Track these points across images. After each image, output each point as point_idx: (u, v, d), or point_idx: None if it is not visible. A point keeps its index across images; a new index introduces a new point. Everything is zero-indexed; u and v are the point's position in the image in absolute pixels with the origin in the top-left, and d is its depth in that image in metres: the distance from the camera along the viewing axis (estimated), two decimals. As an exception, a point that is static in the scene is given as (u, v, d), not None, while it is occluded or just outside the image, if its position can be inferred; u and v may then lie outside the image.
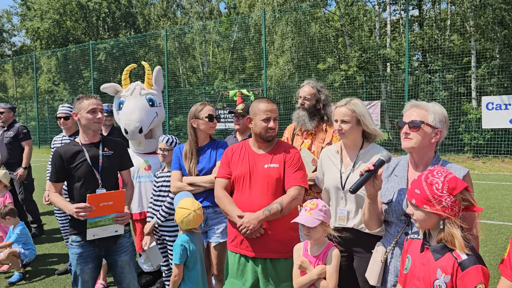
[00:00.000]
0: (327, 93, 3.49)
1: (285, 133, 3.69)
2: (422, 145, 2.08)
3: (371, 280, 2.25)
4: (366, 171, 2.06)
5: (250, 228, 2.48)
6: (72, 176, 2.93)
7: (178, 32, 27.47)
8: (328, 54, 19.89)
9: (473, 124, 14.84)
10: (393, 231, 2.19)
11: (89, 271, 2.94)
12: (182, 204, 2.84)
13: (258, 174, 2.61)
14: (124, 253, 3.03)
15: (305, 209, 2.39)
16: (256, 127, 2.67)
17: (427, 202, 1.70)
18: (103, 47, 27.52)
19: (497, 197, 8.57)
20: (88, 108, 2.93)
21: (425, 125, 2.06)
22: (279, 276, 2.58)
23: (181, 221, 2.81)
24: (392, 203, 2.16)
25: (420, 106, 2.13)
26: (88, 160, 2.93)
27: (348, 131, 2.67)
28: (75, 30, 35.04)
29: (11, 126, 6.19)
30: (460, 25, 18.23)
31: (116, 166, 3.09)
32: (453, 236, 1.68)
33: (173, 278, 2.77)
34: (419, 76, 16.35)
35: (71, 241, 2.95)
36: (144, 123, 4.04)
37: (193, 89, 24.93)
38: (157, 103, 4.22)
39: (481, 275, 1.61)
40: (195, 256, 2.82)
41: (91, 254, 2.94)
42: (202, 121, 3.36)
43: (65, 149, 2.95)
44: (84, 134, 3.00)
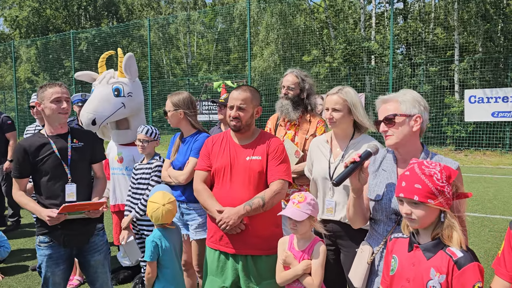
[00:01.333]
0: (312, 82, 3.38)
1: (268, 123, 3.58)
2: (405, 138, 1.95)
3: (355, 281, 2.12)
4: (352, 163, 1.91)
5: (230, 223, 2.36)
6: (39, 170, 2.69)
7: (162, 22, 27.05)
8: (313, 46, 19.80)
9: (455, 117, 14.97)
10: (382, 230, 2.04)
11: (60, 272, 2.74)
12: (153, 198, 2.73)
13: (239, 167, 2.49)
14: (97, 252, 2.85)
15: (293, 202, 2.27)
16: (226, 115, 2.56)
17: (431, 196, 1.57)
18: (85, 36, 26.96)
19: (479, 189, 8.63)
20: (51, 97, 2.67)
21: (399, 116, 1.94)
22: (260, 274, 2.47)
23: (151, 216, 2.70)
24: (382, 200, 2.01)
25: (389, 100, 2.01)
26: (56, 153, 2.70)
27: (339, 120, 2.56)
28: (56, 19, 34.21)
29: None
30: (444, 19, 18.32)
31: (87, 159, 2.85)
32: (452, 229, 1.57)
33: (146, 276, 2.66)
34: (402, 69, 16.39)
35: (39, 242, 2.72)
36: (99, 114, 3.77)
37: (177, 81, 24.62)
38: (125, 93, 3.91)
39: (478, 273, 1.52)
40: (169, 253, 2.69)
41: (62, 255, 2.73)
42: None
43: (29, 142, 2.70)
44: (50, 125, 2.76)
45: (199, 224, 3.14)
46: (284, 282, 2.32)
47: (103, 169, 3.02)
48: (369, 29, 19.82)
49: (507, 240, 1.58)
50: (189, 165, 3.11)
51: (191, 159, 3.12)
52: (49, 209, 2.60)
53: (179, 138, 3.35)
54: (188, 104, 3.26)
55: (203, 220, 3.14)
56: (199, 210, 3.15)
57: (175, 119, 3.26)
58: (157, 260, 2.67)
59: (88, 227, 2.79)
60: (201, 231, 3.15)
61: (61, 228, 2.66)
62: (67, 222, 2.64)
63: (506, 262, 1.58)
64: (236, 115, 2.48)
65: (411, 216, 1.61)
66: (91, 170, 2.93)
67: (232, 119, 2.49)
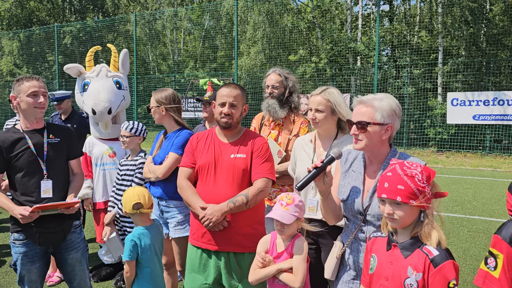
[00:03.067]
0: (295, 79, 3.40)
1: (253, 122, 3.60)
2: (373, 144, 2.00)
3: (326, 273, 2.22)
4: (314, 168, 1.95)
5: (213, 220, 2.37)
6: (13, 166, 2.62)
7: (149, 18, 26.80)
8: (299, 46, 19.88)
9: (438, 119, 15.21)
10: (351, 227, 2.14)
11: (36, 270, 2.69)
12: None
13: (223, 164, 2.50)
14: (74, 250, 2.80)
15: (281, 204, 2.25)
16: (215, 112, 2.57)
17: (412, 196, 1.60)
18: (69, 30, 26.54)
19: (459, 190, 8.80)
20: (28, 91, 2.60)
21: (373, 125, 1.96)
22: (243, 271, 2.48)
23: (125, 202, 2.67)
24: (347, 201, 2.09)
25: (367, 103, 2.02)
26: (32, 148, 2.64)
27: (322, 121, 2.60)
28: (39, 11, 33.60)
29: None
30: (429, 22, 18.58)
31: (63, 155, 2.79)
32: (432, 228, 1.61)
33: (125, 275, 2.62)
34: (387, 71, 16.58)
35: (14, 239, 2.66)
36: (113, 103, 3.92)
37: (163, 77, 24.45)
38: (124, 86, 4.10)
39: (453, 270, 1.55)
40: (149, 252, 2.67)
41: (37, 253, 2.68)
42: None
43: (3, 137, 2.63)
44: (26, 120, 2.68)
45: (179, 221, 3.11)
46: (256, 281, 2.29)
47: (80, 165, 2.97)
48: (356, 30, 19.99)
49: (510, 259, 1.57)
50: (168, 159, 3.09)
51: (170, 154, 3.10)
52: (22, 207, 2.54)
53: (163, 135, 3.35)
54: (171, 100, 3.25)
55: (183, 218, 3.13)
56: (179, 207, 3.13)
57: (158, 115, 3.25)
58: (136, 259, 2.64)
59: (64, 225, 2.74)
60: (180, 229, 3.11)
61: (36, 226, 2.60)
62: (41, 220, 2.59)
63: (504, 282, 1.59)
64: (229, 112, 2.49)
65: (393, 216, 1.64)
66: (67, 166, 2.86)
67: (224, 115, 2.50)
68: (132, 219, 2.74)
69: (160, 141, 3.32)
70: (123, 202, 2.68)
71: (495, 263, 1.59)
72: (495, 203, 7.57)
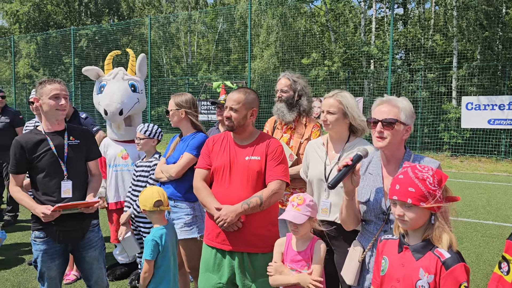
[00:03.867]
0: (304, 83, 3.42)
1: (265, 126, 3.64)
2: (395, 143, 2.04)
3: (347, 279, 2.19)
4: (344, 166, 1.97)
5: (227, 221, 2.42)
6: (35, 167, 2.71)
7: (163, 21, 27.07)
8: (312, 49, 19.88)
9: (452, 123, 15.07)
10: (372, 228, 2.13)
11: (55, 267, 2.77)
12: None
13: (238, 166, 2.55)
14: (92, 248, 2.87)
15: (292, 204, 2.30)
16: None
17: (422, 199, 1.63)
18: (85, 33, 26.94)
19: (473, 195, 8.72)
20: (50, 93, 2.70)
21: (399, 123, 2.02)
22: (256, 271, 2.53)
23: (145, 200, 2.71)
24: (370, 202, 2.10)
25: (392, 103, 2.07)
26: (53, 150, 2.72)
27: (333, 123, 2.64)
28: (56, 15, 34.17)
29: (4, 110, 6.11)
30: (443, 26, 18.44)
31: (83, 156, 2.88)
32: (442, 231, 1.63)
33: (143, 275, 2.66)
34: (401, 74, 16.49)
35: (34, 237, 2.74)
36: (125, 105, 3.99)
37: (177, 80, 24.64)
38: (139, 90, 4.18)
39: (464, 273, 1.58)
40: (168, 251, 2.73)
41: (57, 250, 2.76)
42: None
43: (26, 138, 2.72)
44: (47, 122, 2.77)
45: (186, 223, 3.15)
46: (276, 285, 2.35)
47: (98, 166, 3.05)
48: (369, 33, 19.93)
49: None
50: (183, 159, 3.15)
51: (185, 154, 3.16)
52: (43, 206, 2.62)
53: (179, 137, 3.41)
54: (191, 104, 3.33)
55: (190, 220, 3.16)
56: (186, 209, 3.17)
57: (177, 118, 3.32)
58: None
59: (83, 224, 2.82)
60: (187, 231, 3.14)
61: (56, 224, 2.68)
62: (62, 219, 2.66)
63: None
64: (228, 115, 2.56)
65: (403, 218, 1.66)
66: (86, 167, 2.94)
67: (226, 119, 2.57)
68: (150, 217, 2.79)
69: (175, 143, 3.39)
70: (143, 200, 2.73)
71: (508, 267, 1.61)
72: (509, 208, 7.49)
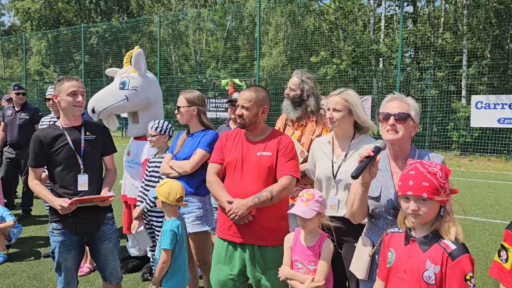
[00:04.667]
0: (313, 84, 3.47)
1: (277, 123, 3.71)
2: (405, 138, 2.13)
3: (358, 274, 2.26)
4: (366, 157, 2.01)
5: (238, 214, 2.49)
6: (53, 160, 2.81)
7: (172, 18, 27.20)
8: (321, 47, 19.88)
9: (461, 122, 15.02)
10: (382, 223, 2.18)
11: (72, 258, 2.87)
12: (159, 186, 2.86)
13: (250, 161, 2.62)
14: (107, 240, 2.96)
15: (301, 200, 2.38)
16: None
17: (436, 192, 1.69)
18: (95, 30, 27.17)
19: (481, 194, 8.71)
20: (68, 90, 2.79)
21: (410, 119, 2.11)
22: (266, 263, 2.59)
23: (169, 194, 2.77)
24: (381, 198, 2.16)
25: (403, 100, 2.17)
26: (70, 144, 2.82)
27: (339, 120, 2.70)
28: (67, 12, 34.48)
29: (24, 107, 6.24)
30: (453, 24, 18.34)
31: (98, 151, 2.98)
32: (451, 222, 1.70)
33: (161, 264, 2.73)
34: (410, 73, 16.45)
35: (52, 228, 2.85)
36: (98, 104, 4.02)
37: (185, 77, 24.76)
38: (130, 87, 4.07)
39: (469, 264, 1.64)
40: (183, 241, 2.82)
41: (73, 242, 2.86)
42: None
43: (45, 133, 2.82)
44: (65, 117, 2.88)
45: (197, 216, 3.23)
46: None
47: (113, 161, 3.15)
48: (378, 31, 19.88)
49: None
50: (197, 155, 3.23)
51: (198, 150, 3.24)
52: (61, 199, 2.72)
53: (185, 134, 3.49)
54: (202, 102, 3.41)
55: (202, 214, 3.25)
56: (197, 203, 3.25)
57: (188, 115, 3.39)
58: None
59: (98, 217, 2.91)
60: (198, 224, 3.23)
61: (73, 216, 2.78)
62: (78, 211, 2.76)
63: None
64: (240, 113, 2.64)
65: (418, 212, 1.72)
66: (101, 162, 3.05)
67: (238, 116, 2.66)
68: (166, 210, 2.87)
69: (182, 139, 3.45)
70: (165, 193, 2.78)
71: (506, 255, 1.67)
72: (518, 208, 7.49)
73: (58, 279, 2.92)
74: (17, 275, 4.23)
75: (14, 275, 4.24)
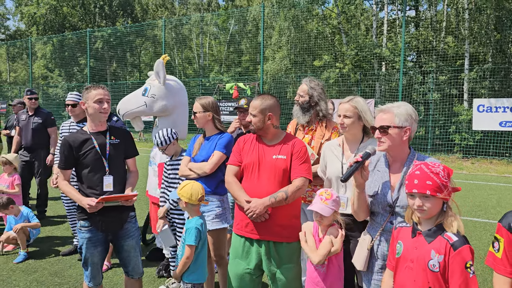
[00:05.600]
0: (321, 91, 3.68)
1: (288, 127, 3.91)
2: (395, 145, 2.33)
3: (357, 265, 2.49)
4: (355, 162, 2.28)
5: (256, 212, 2.69)
6: (81, 163, 3.02)
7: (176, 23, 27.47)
8: (324, 51, 20.10)
9: (463, 125, 15.20)
10: (379, 219, 2.41)
11: (97, 254, 3.07)
12: (181, 188, 3.03)
13: (266, 164, 2.82)
14: (130, 238, 3.16)
15: (321, 198, 2.61)
16: None
17: (438, 190, 1.91)
18: (100, 35, 27.45)
19: (483, 196, 8.89)
20: (95, 98, 3.02)
21: (393, 128, 2.31)
22: (281, 258, 2.79)
23: (191, 195, 2.96)
24: (378, 195, 2.39)
25: (386, 110, 2.37)
26: (97, 148, 3.04)
27: (349, 126, 2.93)
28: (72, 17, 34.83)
29: (37, 111, 6.44)
30: (455, 28, 18.54)
31: (122, 154, 3.19)
32: (453, 217, 1.92)
33: (185, 259, 2.92)
34: (413, 77, 16.65)
35: (80, 226, 3.05)
36: (122, 106, 4.31)
37: (189, 81, 25.01)
38: (149, 94, 4.26)
39: (469, 253, 1.86)
40: (205, 239, 3.03)
41: (99, 238, 3.06)
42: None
43: (73, 138, 3.04)
44: (92, 123, 3.10)
45: (217, 214, 3.45)
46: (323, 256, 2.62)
47: (135, 163, 3.36)
48: (381, 36, 20.09)
49: (509, 243, 1.85)
50: (214, 157, 3.45)
51: (216, 152, 3.46)
52: (89, 198, 2.94)
53: (202, 137, 3.70)
54: (216, 107, 3.63)
55: (221, 212, 3.47)
56: (216, 202, 3.47)
57: (203, 120, 3.61)
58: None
59: (122, 215, 3.12)
60: (218, 222, 3.44)
61: (99, 214, 3.00)
62: (104, 210, 2.98)
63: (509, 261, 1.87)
64: (249, 120, 2.91)
65: (422, 208, 1.94)
66: (124, 164, 3.26)
67: (249, 123, 2.93)
68: (189, 210, 3.06)
69: (199, 142, 3.66)
70: (188, 194, 2.97)
71: (499, 246, 1.88)
72: (519, 209, 7.65)
73: (85, 273, 3.12)
74: (39, 272, 4.44)
75: (36, 272, 4.45)
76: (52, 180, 4.81)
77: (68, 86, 26.77)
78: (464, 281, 1.83)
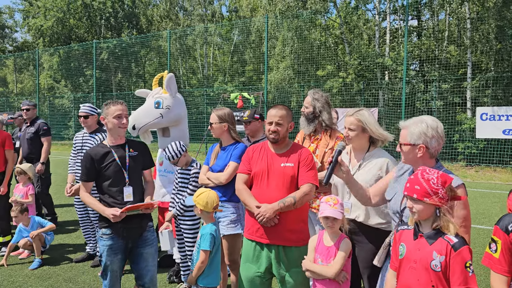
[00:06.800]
0: (323, 101, 3.84)
1: (297, 136, 4.07)
2: (411, 160, 2.45)
3: (375, 260, 2.68)
4: (329, 163, 2.52)
5: (266, 216, 2.83)
6: (102, 175, 3.17)
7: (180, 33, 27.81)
8: (327, 61, 20.30)
9: (467, 134, 15.29)
10: (393, 224, 2.59)
11: (117, 261, 3.18)
12: (197, 195, 3.17)
13: (275, 172, 2.97)
14: (149, 246, 3.28)
15: (329, 204, 2.74)
16: (266, 129, 3.09)
17: (426, 195, 2.04)
18: (106, 46, 27.81)
19: (487, 204, 8.97)
20: (114, 113, 3.18)
21: (404, 145, 2.44)
22: (290, 262, 2.92)
23: (207, 203, 3.09)
24: (391, 201, 2.54)
25: (404, 126, 2.49)
26: (117, 160, 3.19)
27: (353, 138, 3.09)
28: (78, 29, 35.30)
29: (33, 122, 6.55)
30: (457, 37, 18.72)
31: (140, 165, 3.34)
32: (448, 221, 2.04)
33: (200, 264, 3.04)
34: (415, 85, 16.79)
35: (102, 233, 3.17)
36: (138, 121, 4.42)
37: (193, 91, 25.24)
38: (164, 106, 4.46)
39: (469, 254, 1.99)
40: (219, 244, 3.17)
41: (120, 246, 3.17)
42: None
43: (95, 151, 3.19)
44: (111, 137, 3.26)
45: (232, 220, 3.63)
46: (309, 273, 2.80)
47: (152, 174, 3.52)
48: (383, 45, 20.28)
49: (506, 244, 1.98)
50: (230, 168, 3.63)
51: (231, 163, 3.64)
52: (112, 209, 3.07)
53: (218, 146, 3.86)
54: (232, 118, 3.79)
55: (236, 218, 3.64)
56: (232, 208, 3.66)
57: (219, 130, 3.79)
58: None
59: (141, 223, 3.26)
60: (233, 227, 3.62)
61: (121, 222, 3.11)
62: (125, 217, 3.11)
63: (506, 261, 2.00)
64: (275, 129, 2.99)
65: (412, 209, 2.10)
66: (141, 175, 3.41)
67: (271, 132, 2.99)
68: (204, 217, 3.20)
69: (216, 152, 3.84)
70: (204, 203, 3.11)
71: (496, 247, 2.01)
72: (523, 216, 7.72)
73: (103, 283, 3.23)
74: (53, 278, 4.57)
75: (50, 278, 4.58)
76: (66, 189, 4.97)
77: (74, 96, 27.10)
78: (464, 280, 1.96)
